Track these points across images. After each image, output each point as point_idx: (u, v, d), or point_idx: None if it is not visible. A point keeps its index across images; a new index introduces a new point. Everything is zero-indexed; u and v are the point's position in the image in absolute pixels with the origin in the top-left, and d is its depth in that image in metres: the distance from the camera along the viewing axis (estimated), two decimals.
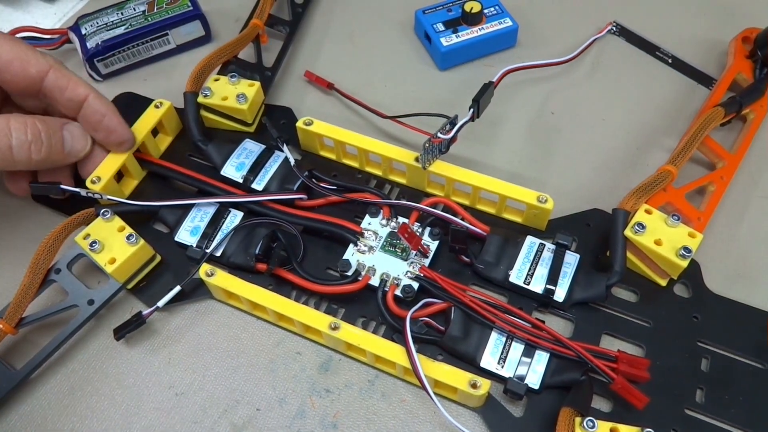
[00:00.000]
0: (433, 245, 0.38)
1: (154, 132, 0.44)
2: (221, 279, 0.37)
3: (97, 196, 0.39)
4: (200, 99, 0.43)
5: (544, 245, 0.38)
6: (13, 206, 0.43)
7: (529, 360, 0.34)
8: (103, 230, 0.37)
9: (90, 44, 0.48)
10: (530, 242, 0.38)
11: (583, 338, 0.36)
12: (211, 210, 0.40)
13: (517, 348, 0.35)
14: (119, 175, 0.41)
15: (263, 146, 0.43)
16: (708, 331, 0.36)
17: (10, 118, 0.36)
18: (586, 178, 0.44)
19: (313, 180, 0.41)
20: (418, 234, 0.38)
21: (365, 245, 0.38)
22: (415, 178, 0.41)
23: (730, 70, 0.46)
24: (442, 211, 0.40)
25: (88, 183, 0.39)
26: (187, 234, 0.39)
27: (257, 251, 0.37)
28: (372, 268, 0.37)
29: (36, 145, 0.36)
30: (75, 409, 0.36)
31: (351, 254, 0.38)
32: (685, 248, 0.35)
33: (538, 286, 0.36)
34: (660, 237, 0.36)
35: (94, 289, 0.37)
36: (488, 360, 0.35)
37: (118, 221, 0.38)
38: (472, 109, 0.39)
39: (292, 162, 0.40)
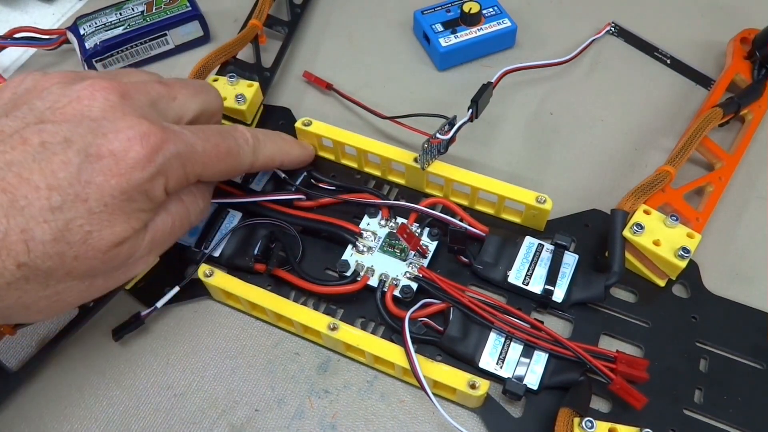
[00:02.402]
0: (432, 245, 0.38)
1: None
2: (220, 279, 0.37)
3: None
4: None
5: (543, 246, 0.38)
6: None
7: (527, 360, 0.34)
8: None
9: (88, 45, 0.48)
10: (529, 243, 0.38)
11: (582, 338, 0.36)
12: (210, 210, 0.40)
13: (515, 348, 0.35)
14: None
15: None
16: (706, 332, 0.36)
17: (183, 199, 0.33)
18: (584, 178, 0.44)
19: (312, 181, 0.41)
20: (416, 234, 0.38)
21: (364, 246, 0.38)
22: (414, 178, 0.41)
23: (729, 70, 0.46)
24: (441, 211, 0.40)
25: None
26: (186, 234, 0.39)
27: (256, 252, 0.37)
28: (371, 269, 0.37)
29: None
30: (73, 410, 0.35)
31: (350, 255, 0.38)
32: (684, 249, 0.36)
33: (536, 286, 0.36)
34: (658, 237, 0.36)
35: None
36: (487, 360, 0.35)
37: None
38: (470, 110, 0.39)
39: (282, 176, 0.40)
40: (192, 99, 0.34)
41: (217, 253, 0.39)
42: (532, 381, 0.34)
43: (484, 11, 0.49)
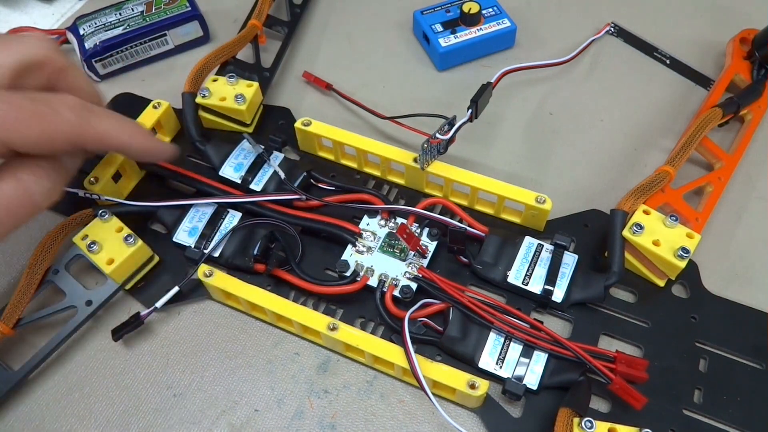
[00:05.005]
0: (432, 246, 0.38)
1: (153, 132, 0.43)
2: (219, 279, 0.37)
3: (95, 196, 0.39)
4: (198, 99, 0.43)
5: (543, 246, 0.38)
6: None
7: (527, 360, 0.34)
8: (101, 231, 0.37)
9: (88, 45, 0.48)
10: (528, 243, 0.38)
11: (582, 339, 0.36)
12: (210, 210, 0.40)
13: (515, 348, 0.35)
14: (117, 176, 0.41)
15: (261, 147, 0.42)
16: (706, 332, 0.36)
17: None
18: (584, 178, 0.44)
19: (311, 181, 0.41)
20: (416, 234, 0.38)
21: (364, 246, 0.38)
22: (414, 178, 0.41)
23: (728, 71, 0.46)
24: (441, 211, 0.40)
25: (86, 183, 0.39)
26: (186, 234, 0.39)
27: (255, 252, 0.37)
28: (370, 269, 0.37)
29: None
30: (73, 410, 0.35)
31: (349, 255, 0.38)
32: (683, 249, 0.36)
33: (536, 286, 0.36)
34: (658, 237, 0.36)
35: (92, 290, 0.37)
36: (486, 360, 0.35)
37: (116, 222, 0.38)
38: (470, 110, 0.39)
39: (282, 176, 0.40)
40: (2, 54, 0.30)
41: (216, 254, 0.39)
42: (532, 381, 0.34)
43: (483, 11, 0.49)
